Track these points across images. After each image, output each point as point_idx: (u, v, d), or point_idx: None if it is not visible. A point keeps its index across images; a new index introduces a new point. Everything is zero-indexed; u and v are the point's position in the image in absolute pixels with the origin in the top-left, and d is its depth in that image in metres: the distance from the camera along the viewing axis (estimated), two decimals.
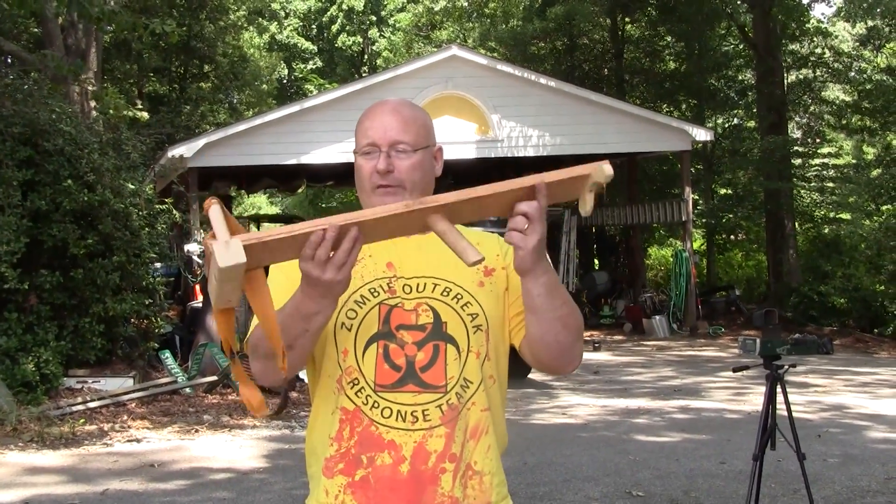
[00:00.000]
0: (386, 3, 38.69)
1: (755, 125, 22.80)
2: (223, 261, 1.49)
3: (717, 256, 24.92)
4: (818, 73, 22.20)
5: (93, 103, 15.10)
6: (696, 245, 22.05)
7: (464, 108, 16.08)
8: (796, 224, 20.98)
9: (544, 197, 1.64)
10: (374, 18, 39.20)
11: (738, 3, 21.43)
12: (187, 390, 9.82)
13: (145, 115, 19.27)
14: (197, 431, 8.31)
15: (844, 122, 21.87)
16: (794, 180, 21.15)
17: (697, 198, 20.75)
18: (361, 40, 39.62)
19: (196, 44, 23.76)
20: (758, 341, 5.98)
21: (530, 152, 16.64)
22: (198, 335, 10.89)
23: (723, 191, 24.14)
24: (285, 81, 37.79)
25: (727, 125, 24.57)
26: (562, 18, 22.11)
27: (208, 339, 10.38)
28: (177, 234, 14.67)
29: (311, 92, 31.64)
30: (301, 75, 38.40)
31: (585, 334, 10.10)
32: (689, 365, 13.20)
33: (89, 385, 9.47)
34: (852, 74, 21.88)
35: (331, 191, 29.15)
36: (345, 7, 38.76)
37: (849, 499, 5.94)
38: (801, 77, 22.94)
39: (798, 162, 22.04)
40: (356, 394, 1.84)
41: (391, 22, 37.68)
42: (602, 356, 14.34)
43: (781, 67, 20.85)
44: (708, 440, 7.81)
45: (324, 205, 33.33)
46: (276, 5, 35.72)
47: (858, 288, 16.86)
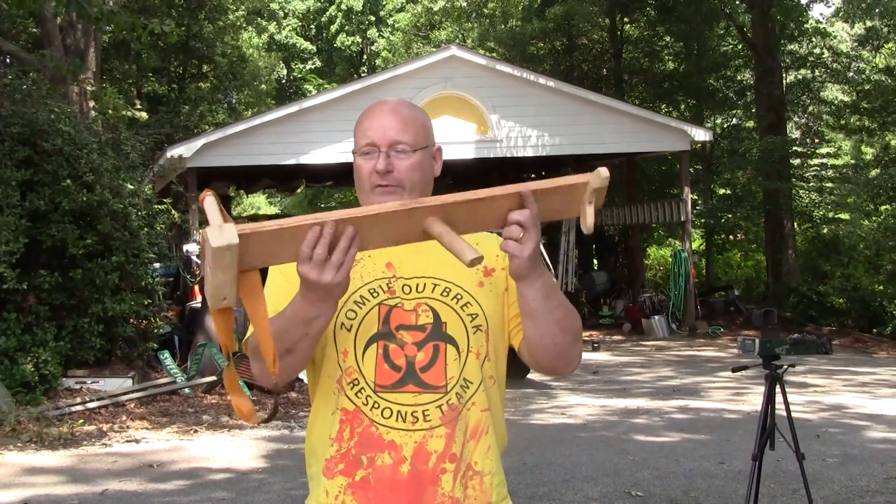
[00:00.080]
0: (385, 3, 38.66)
1: (754, 125, 22.77)
2: (215, 241, 1.48)
3: (716, 256, 24.89)
4: (817, 73, 22.17)
5: (92, 103, 15.08)
6: (695, 245, 22.04)
7: (463, 109, 16.05)
8: (795, 224, 20.98)
9: (534, 204, 1.65)
10: (373, 18, 39.16)
11: (737, 3, 21.40)
12: (186, 390, 9.81)
13: (144, 115, 19.29)
14: (196, 432, 8.30)
15: (843, 122, 21.86)
16: (793, 180, 21.14)
17: (696, 198, 20.74)
18: (360, 40, 39.59)
19: (195, 44, 23.76)
20: (757, 341, 5.96)
21: (529, 152, 16.60)
22: (197, 335, 10.87)
23: (722, 191, 24.12)
24: (284, 81, 37.77)
25: (726, 125, 24.54)
26: (561, 18, 22.09)
27: (207, 339, 10.35)
28: (176, 234, 14.64)
29: (310, 92, 31.62)
30: (300, 75, 38.37)
31: (584, 334, 10.14)
32: (689, 365, 13.20)
33: (88, 385, 9.45)
34: (851, 75, 21.88)
35: (330, 191, 29.13)
36: (343, 7, 38.73)
37: (848, 499, 5.94)
38: (800, 77, 22.92)
39: (797, 162, 22.03)
40: (356, 394, 1.84)
41: (390, 22, 37.66)
42: (601, 356, 14.33)
43: (780, 67, 20.83)
44: (707, 440, 7.81)
45: (323, 205, 33.29)
46: (274, 5, 35.69)
47: (857, 288, 16.85)
